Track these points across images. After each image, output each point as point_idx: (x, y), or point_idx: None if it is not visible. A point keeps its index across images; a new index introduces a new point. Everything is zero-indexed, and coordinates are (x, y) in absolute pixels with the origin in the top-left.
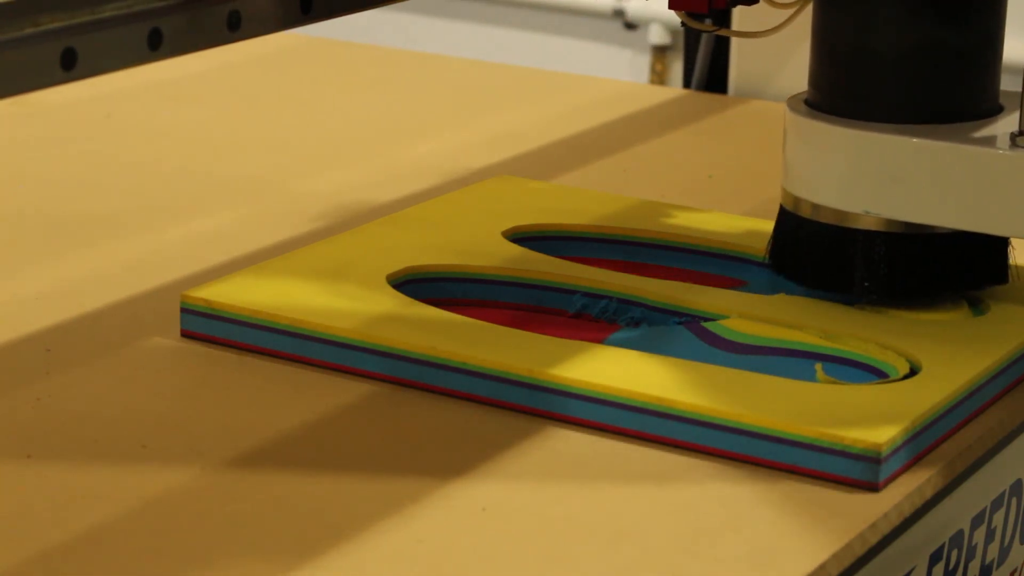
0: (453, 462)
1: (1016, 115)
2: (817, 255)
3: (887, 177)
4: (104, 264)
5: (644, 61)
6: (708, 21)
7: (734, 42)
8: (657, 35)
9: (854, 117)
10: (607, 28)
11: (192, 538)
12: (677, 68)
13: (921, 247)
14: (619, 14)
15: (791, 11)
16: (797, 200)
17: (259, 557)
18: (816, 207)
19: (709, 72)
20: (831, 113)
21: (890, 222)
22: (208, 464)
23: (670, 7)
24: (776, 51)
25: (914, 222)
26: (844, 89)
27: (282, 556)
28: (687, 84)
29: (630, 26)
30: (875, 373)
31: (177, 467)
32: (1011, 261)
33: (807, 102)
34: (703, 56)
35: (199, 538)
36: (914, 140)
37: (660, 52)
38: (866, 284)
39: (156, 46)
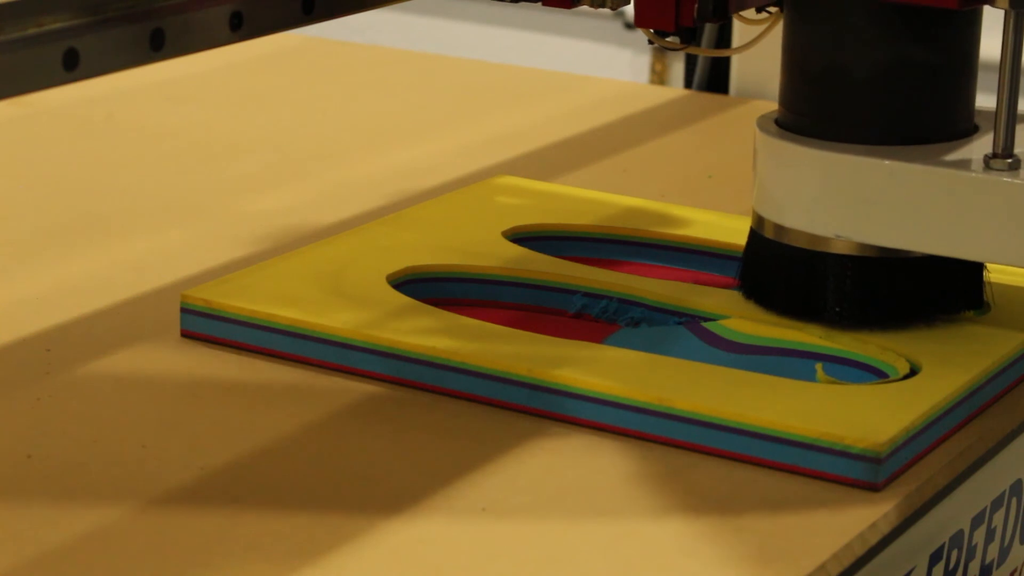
0: (453, 462)
1: (991, 136)
2: (787, 279)
3: (858, 200)
4: (104, 264)
5: (644, 61)
6: (674, 38)
7: (735, 42)
8: None
9: (825, 138)
10: (607, 28)
11: (192, 538)
12: (677, 68)
13: (893, 272)
14: (619, 14)
15: (763, 26)
16: (767, 222)
17: (259, 557)
18: (786, 230)
19: (710, 72)
20: (802, 134)
21: (862, 246)
22: (208, 464)
23: (636, 24)
24: (778, 52)
25: (886, 246)
26: (815, 110)
27: (282, 556)
28: (688, 84)
29: (630, 26)
30: (875, 373)
31: (177, 467)
32: (986, 286)
33: (777, 122)
34: (704, 57)
35: (199, 538)
36: (886, 162)
37: (660, 52)
38: (837, 309)
39: (158, 47)
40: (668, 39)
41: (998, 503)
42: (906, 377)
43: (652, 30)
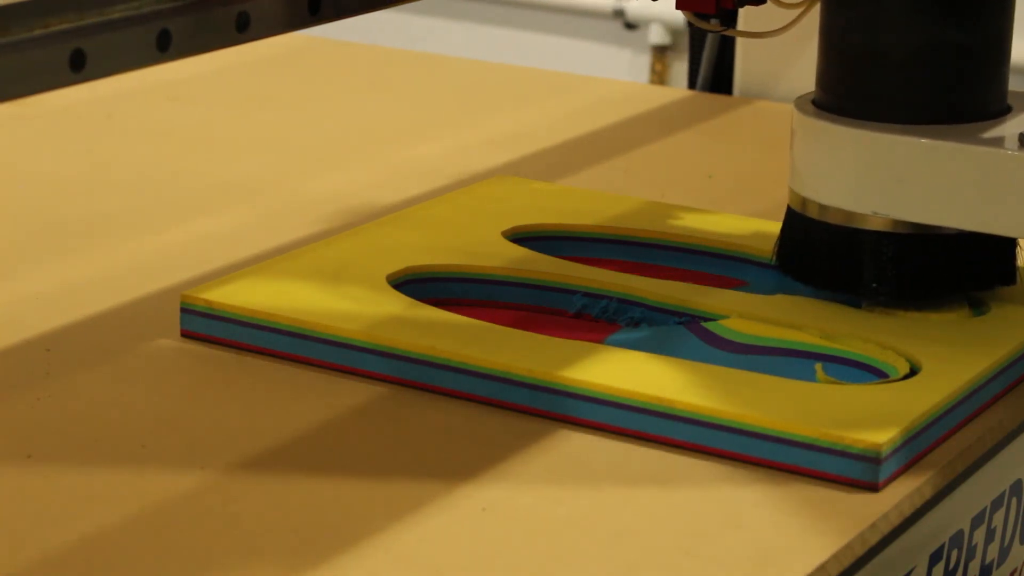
0: (454, 462)
1: None
2: (824, 256)
3: (895, 178)
4: (104, 264)
5: (644, 61)
6: (715, 21)
7: (739, 42)
8: (657, 35)
9: (862, 117)
10: (607, 28)
11: (192, 538)
12: (676, 68)
13: (929, 248)
14: (619, 14)
15: (798, 11)
16: (804, 201)
17: (259, 558)
18: (824, 208)
19: (714, 72)
20: (839, 113)
21: (898, 223)
22: (208, 464)
23: (677, 7)
24: (782, 51)
25: (922, 223)
26: (852, 89)
27: (282, 557)
28: (692, 84)
29: (630, 26)
30: (875, 373)
31: (177, 467)
32: (1019, 262)
33: (815, 102)
34: (708, 56)
35: (199, 538)
36: (922, 141)
37: (660, 52)
38: (874, 285)
39: (165, 47)
40: (710, 22)
41: (998, 503)
42: (906, 377)
43: (693, 13)
